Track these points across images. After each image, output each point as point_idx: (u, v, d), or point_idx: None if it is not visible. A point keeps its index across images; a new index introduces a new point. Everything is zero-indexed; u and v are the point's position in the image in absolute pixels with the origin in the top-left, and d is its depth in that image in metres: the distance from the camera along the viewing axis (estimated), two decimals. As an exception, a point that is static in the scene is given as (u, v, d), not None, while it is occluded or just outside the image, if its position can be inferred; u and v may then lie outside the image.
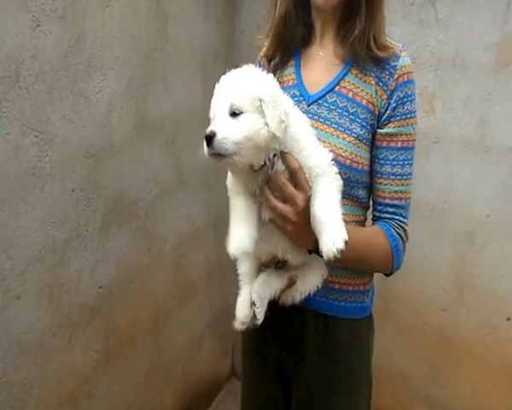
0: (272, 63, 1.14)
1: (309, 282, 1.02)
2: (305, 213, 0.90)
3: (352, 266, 1.07)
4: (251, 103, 0.85)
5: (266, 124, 0.84)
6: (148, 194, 1.75)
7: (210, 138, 0.84)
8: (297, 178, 0.89)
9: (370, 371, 1.18)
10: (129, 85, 1.59)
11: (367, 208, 1.12)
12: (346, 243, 0.82)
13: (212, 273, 2.08)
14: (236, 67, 0.94)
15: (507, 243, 1.66)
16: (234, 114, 0.86)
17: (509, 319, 1.70)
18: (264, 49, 1.14)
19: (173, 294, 1.97)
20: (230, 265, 1.15)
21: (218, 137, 0.84)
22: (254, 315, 1.01)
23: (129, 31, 1.55)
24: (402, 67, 1.01)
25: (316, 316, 1.09)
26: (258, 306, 1.00)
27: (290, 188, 0.90)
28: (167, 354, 1.98)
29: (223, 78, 0.92)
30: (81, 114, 1.42)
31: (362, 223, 1.11)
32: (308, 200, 0.90)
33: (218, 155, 0.85)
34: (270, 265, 1.03)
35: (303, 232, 0.92)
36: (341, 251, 0.82)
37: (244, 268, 1.08)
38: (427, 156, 1.74)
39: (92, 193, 1.50)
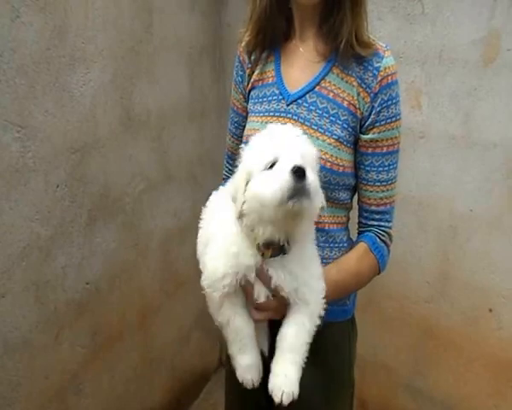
0: (252, 57, 1.12)
1: None
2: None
3: None
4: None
5: None
6: (135, 189, 1.74)
7: (302, 171, 0.76)
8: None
9: (352, 374, 1.19)
10: (113, 79, 1.55)
11: (349, 209, 1.11)
12: (294, 397, 0.84)
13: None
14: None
15: (489, 237, 1.69)
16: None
17: (490, 311, 1.74)
18: (243, 43, 1.12)
19: (161, 288, 1.97)
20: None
21: (308, 175, 0.77)
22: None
23: (113, 23, 1.52)
24: (386, 68, 0.98)
25: None
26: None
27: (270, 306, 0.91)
28: (155, 348, 1.99)
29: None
30: (65, 109, 1.39)
31: (344, 224, 1.10)
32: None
33: (303, 194, 0.77)
34: None
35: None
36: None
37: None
38: (413, 151, 1.76)
39: (77, 189, 1.47)
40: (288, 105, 1.03)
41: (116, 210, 1.66)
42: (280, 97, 1.05)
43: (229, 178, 1.28)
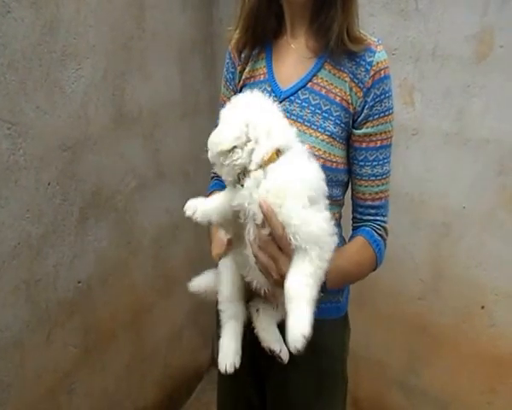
0: (243, 55, 1.11)
1: None
2: None
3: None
4: None
5: None
6: (127, 186, 1.72)
7: None
8: (280, 243, 0.84)
9: (345, 371, 1.18)
10: (105, 75, 1.54)
11: (341, 206, 1.11)
12: (306, 338, 0.79)
13: (192, 265, 2.06)
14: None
15: (482, 234, 1.70)
16: None
17: (483, 308, 1.75)
18: (233, 41, 1.11)
19: (153, 286, 1.95)
20: (210, 257, 1.14)
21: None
22: (279, 357, 0.99)
23: (104, 18, 1.51)
24: (378, 63, 0.98)
25: None
26: (279, 350, 0.98)
27: (273, 248, 0.86)
28: (148, 347, 1.98)
29: None
30: (56, 105, 1.38)
31: (336, 221, 1.07)
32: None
33: None
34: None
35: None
36: (300, 349, 0.79)
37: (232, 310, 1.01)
38: (406, 148, 1.76)
39: (69, 186, 1.46)
40: (280, 102, 1.01)
41: (108, 208, 1.65)
42: (272, 94, 1.03)
43: (218, 177, 1.26)
